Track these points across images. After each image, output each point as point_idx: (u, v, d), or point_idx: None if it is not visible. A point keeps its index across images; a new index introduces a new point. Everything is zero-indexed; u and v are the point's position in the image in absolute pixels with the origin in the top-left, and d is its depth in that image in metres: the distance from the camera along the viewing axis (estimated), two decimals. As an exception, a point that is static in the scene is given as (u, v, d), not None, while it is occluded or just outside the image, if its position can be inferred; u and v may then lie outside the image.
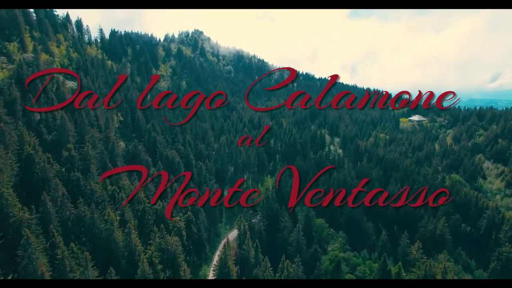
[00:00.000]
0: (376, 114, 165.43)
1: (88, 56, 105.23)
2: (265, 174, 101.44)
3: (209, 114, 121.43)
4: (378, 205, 68.73)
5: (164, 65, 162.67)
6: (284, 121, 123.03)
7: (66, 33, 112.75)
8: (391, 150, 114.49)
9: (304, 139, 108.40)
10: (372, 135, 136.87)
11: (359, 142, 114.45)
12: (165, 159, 73.49)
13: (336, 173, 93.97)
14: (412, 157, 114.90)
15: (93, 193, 47.20)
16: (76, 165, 51.20)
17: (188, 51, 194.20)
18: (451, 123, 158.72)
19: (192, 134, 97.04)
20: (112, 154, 60.37)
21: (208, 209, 69.35)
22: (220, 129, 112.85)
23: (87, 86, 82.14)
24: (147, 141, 79.07)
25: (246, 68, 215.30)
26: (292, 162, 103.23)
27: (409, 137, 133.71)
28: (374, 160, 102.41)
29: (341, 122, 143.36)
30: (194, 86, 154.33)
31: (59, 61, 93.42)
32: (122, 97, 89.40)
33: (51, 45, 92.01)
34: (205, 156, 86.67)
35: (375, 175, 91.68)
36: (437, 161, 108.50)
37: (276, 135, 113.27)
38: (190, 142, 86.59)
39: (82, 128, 60.21)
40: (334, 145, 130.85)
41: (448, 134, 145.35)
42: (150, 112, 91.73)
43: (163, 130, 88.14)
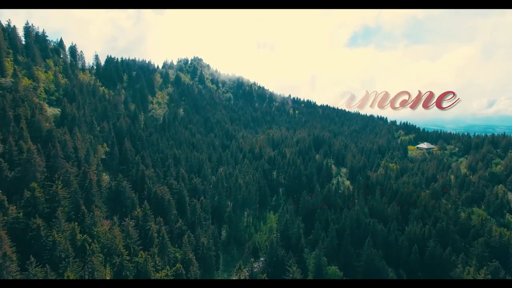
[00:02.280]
0: (382, 141, 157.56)
1: (78, 82, 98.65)
2: (268, 210, 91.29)
3: (206, 143, 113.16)
4: (400, 248, 57.06)
5: (161, 92, 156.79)
6: (288, 150, 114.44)
7: (57, 58, 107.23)
8: (404, 182, 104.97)
9: (310, 171, 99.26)
10: (381, 165, 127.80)
11: (369, 174, 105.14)
12: (153, 197, 63.95)
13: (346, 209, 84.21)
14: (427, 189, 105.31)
15: (55, 247, 37.44)
16: (40, 208, 41.78)
17: (186, 78, 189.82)
18: (463, 150, 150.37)
19: (187, 166, 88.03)
20: (89, 193, 51.02)
21: (202, 256, 58.95)
22: (218, 159, 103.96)
23: (71, 113, 74.39)
24: (134, 175, 69.95)
25: (246, 96, 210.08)
26: (297, 196, 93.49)
27: (421, 167, 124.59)
28: (388, 194, 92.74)
29: (348, 150, 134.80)
30: (192, 113, 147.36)
31: (45, 86, 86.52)
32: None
33: (36, 70, 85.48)
34: (201, 191, 77.11)
35: (392, 212, 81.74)
36: (455, 193, 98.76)
37: (279, 166, 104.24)
38: (184, 176, 77.36)
39: (55, 162, 51.36)
40: (341, 176, 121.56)
41: (461, 163, 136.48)
42: (141, 142, 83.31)
43: (154, 162, 79.25)
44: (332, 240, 68.16)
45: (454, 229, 70.73)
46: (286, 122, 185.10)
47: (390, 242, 69.29)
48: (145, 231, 54.30)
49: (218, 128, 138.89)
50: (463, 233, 71.64)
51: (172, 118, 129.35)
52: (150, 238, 52.70)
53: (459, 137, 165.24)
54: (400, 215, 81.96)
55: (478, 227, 71.16)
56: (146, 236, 53.90)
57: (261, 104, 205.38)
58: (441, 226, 71.09)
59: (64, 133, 59.91)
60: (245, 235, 79.15)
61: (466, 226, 73.11)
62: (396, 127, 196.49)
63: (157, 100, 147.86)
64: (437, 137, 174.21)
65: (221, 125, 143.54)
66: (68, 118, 73.82)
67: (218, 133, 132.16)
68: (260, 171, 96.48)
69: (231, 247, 75.65)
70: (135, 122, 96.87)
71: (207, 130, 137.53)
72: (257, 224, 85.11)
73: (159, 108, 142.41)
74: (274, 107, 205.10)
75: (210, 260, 60.66)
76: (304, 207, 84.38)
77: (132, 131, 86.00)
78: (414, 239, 68.28)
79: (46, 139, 57.96)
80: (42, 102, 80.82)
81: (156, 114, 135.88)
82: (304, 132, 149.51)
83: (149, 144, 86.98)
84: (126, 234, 49.11)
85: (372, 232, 72.12)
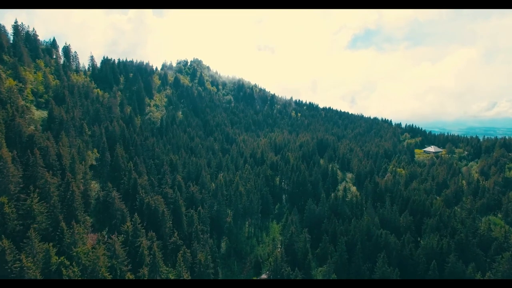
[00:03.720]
0: (388, 145, 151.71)
1: (70, 83, 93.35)
2: (270, 219, 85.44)
3: (205, 148, 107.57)
4: (416, 264, 50.81)
5: (159, 94, 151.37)
6: (291, 155, 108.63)
7: (49, 59, 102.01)
8: (415, 189, 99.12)
9: (315, 177, 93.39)
10: (389, 170, 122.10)
11: (377, 180, 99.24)
12: (146, 208, 58.29)
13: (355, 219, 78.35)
14: (440, 196, 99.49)
15: (22, 274, 31.77)
16: (10, 226, 36.16)
17: (186, 80, 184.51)
18: (473, 154, 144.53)
19: (184, 173, 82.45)
20: (71, 207, 45.37)
21: (199, 274, 53.13)
22: (218, 165, 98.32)
23: (59, 116, 68.92)
24: (126, 183, 64.32)
25: (247, 98, 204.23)
26: (302, 204, 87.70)
27: (430, 172, 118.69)
28: (398, 202, 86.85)
29: (353, 155, 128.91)
30: (191, 116, 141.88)
31: (33, 87, 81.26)
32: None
33: (23, 71, 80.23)
34: (198, 201, 71.33)
35: (404, 222, 75.87)
36: (470, 201, 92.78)
37: (282, 172, 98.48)
38: (180, 184, 71.69)
39: (34, 171, 45.80)
40: (346, 182, 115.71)
41: (472, 167, 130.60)
42: (135, 147, 77.74)
43: (148, 169, 73.61)
44: (342, 254, 62.32)
45: (474, 242, 64.81)
46: (289, 125, 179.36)
47: (405, 257, 63.45)
48: (135, 248, 48.61)
49: (218, 131, 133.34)
50: (484, 246, 65.70)
51: (170, 121, 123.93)
52: (140, 256, 46.99)
53: (468, 140, 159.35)
54: (413, 225, 76.12)
55: (501, 240, 65.24)
56: (136, 253, 48.22)
57: (263, 106, 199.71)
58: (460, 238, 65.23)
59: (47, 138, 54.38)
60: (247, 248, 73.37)
61: (487, 238, 67.20)
62: (401, 129, 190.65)
63: (155, 102, 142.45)
64: (444, 140, 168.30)
65: (221, 129, 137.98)
66: (56, 122, 68.35)
67: (218, 137, 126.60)
68: (262, 178, 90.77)
69: (231, 260, 69.81)
70: (130, 126, 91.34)
71: (207, 133, 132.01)
72: (259, 235, 79.30)
73: (157, 111, 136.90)
74: (276, 110, 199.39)
75: (207, 276, 54.83)
76: (310, 216, 78.61)
77: (125, 135, 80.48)
78: (432, 253, 62.39)
79: (27, 145, 52.54)
80: (29, 104, 75.69)
81: (154, 117, 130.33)
82: (307, 136, 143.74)
83: (144, 149, 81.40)
84: (112, 254, 43.41)
85: (384, 245, 66.33)
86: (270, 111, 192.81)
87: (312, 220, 77.93)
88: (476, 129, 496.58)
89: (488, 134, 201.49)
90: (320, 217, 77.95)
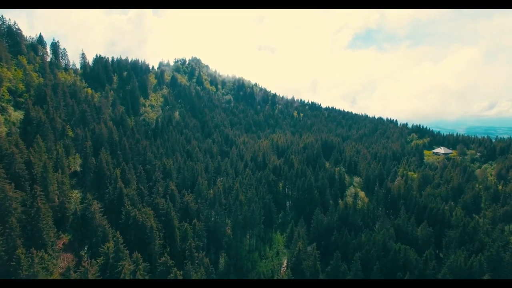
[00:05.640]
0: (396, 146, 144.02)
1: (55, 82, 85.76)
2: (274, 230, 77.79)
3: (203, 151, 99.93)
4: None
5: (155, 94, 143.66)
6: (295, 158, 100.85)
7: (33, 55, 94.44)
8: (429, 195, 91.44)
9: (322, 183, 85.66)
10: (399, 173, 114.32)
11: (389, 185, 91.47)
12: (133, 223, 50.63)
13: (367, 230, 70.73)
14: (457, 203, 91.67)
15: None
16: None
17: (183, 79, 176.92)
18: (486, 156, 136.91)
19: (178, 180, 74.81)
20: (35, 227, 37.72)
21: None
22: (216, 169, 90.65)
23: (36, 117, 61.28)
24: (111, 193, 56.66)
25: (248, 98, 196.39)
26: (308, 212, 80.00)
27: (443, 176, 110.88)
28: (414, 210, 79.19)
29: (360, 157, 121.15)
30: (189, 117, 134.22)
31: (11, 86, 73.64)
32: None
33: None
34: (194, 212, 63.66)
35: (422, 234, 68.19)
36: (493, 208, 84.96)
37: (286, 177, 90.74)
38: (173, 193, 64.00)
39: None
40: (354, 186, 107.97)
41: (486, 170, 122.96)
42: (123, 151, 70.05)
43: (138, 176, 65.96)
44: (357, 274, 54.65)
45: (507, 258, 57.07)
46: (291, 125, 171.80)
47: (428, 277, 55.78)
48: (116, 274, 40.94)
49: (216, 133, 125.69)
50: (516, 263, 58.01)
51: (166, 123, 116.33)
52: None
53: (479, 141, 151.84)
54: (433, 236, 68.45)
55: (535, 255, 57.51)
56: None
57: (264, 106, 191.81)
58: (490, 254, 57.52)
59: (14, 144, 46.81)
60: (248, 263, 65.64)
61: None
62: (408, 130, 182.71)
63: (150, 102, 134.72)
64: (454, 141, 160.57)
65: (220, 130, 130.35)
66: (33, 124, 60.74)
67: (216, 138, 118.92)
68: (264, 184, 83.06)
69: (231, 278, 62.17)
70: (120, 128, 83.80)
71: (205, 135, 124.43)
72: (261, 248, 71.54)
73: (152, 111, 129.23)
74: (278, 110, 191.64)
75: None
76: (318, 227, 70.98)
77: (113, 138, 72.86)
78: (460, 272, 54.65)
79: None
80: (5, 104, 68.13)
81: (149, 118, 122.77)
82: (311, 137, 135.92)
83: (134, 154, 73.83)
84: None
85: (404, 262, 58.70)
86: (272, 111, 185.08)
87: (320, 231, 70.29)
88: (477, 129, 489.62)
89: (488, 134, 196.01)
90: (328, 228, 70.30)
